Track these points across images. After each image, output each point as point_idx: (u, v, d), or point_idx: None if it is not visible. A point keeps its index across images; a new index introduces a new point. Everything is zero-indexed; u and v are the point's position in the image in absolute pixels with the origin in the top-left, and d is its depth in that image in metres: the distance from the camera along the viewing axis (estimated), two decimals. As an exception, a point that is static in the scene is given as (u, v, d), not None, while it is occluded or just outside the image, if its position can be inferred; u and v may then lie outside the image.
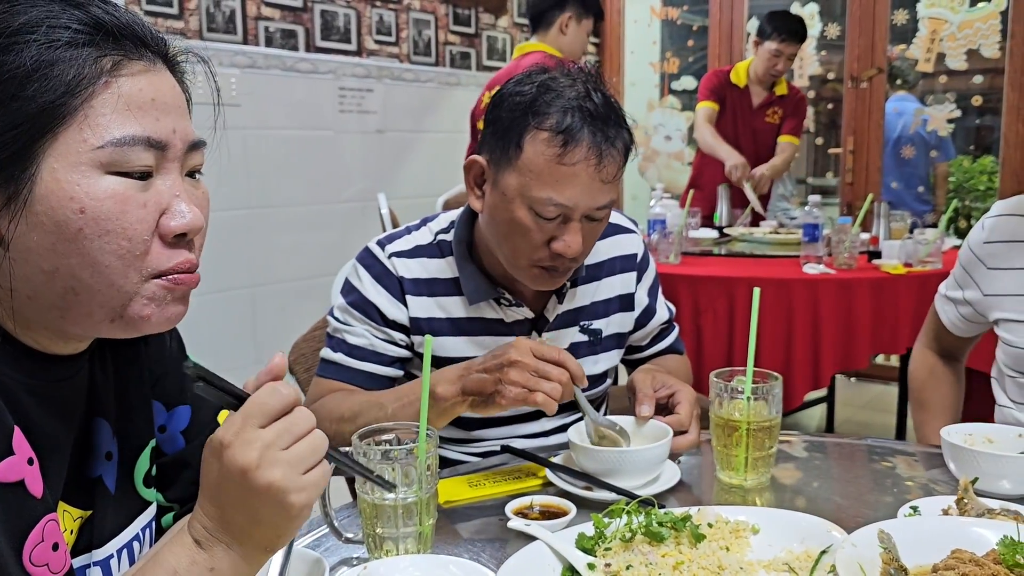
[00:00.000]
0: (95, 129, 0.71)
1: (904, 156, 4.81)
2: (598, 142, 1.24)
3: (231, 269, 3.50)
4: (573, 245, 1.27)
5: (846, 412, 4.24)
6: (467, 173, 1.37)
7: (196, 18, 3.35)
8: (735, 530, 0.98)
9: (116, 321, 0.76)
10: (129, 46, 0.74)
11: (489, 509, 1.13)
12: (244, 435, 0.71)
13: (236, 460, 0.70)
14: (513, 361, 1.16)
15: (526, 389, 1.15)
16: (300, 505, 0.72)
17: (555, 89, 1.26)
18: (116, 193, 0.72)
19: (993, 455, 1.14)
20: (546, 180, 1.24)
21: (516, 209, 1.27)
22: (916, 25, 4.54)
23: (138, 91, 0.74)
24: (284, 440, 0.72)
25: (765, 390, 1.20)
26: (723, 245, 3.52)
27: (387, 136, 4.13)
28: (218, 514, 0.73)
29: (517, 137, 1.26)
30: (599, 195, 1.26)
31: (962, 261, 1.56)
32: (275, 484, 0.70)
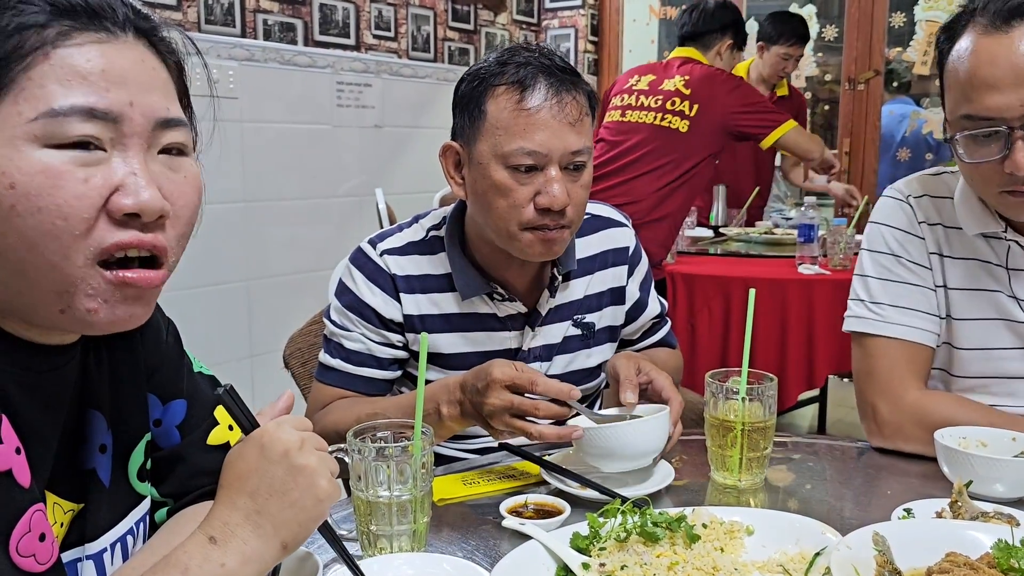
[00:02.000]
0: (31, 101, 0.67)
1: (900, 158, 4.82)
2: (554, 84, 1.28)
3: (226, 262, 3.49)
4: (558, 195, 1.28)
5: (838, 412, 4.24)
6: (444, 160, 1.39)
7: (194, 10, 3.34)
8: (729, 531, 0.98)
9: (66, 312, 0.72)
10: (83, 17, 0.71)
11: (484, 507, 1.13)
12: (284, 427, 0.79)
13: (280, 442, 0.78)
14: (491, 407, 1.16)
15: (510, 430, 1.16)
16: (328, 492, 0.79)
17: (510, 53, 1.32)
18: (49, 167, 0.68)
19: (987, 458, 1.14)
20: (513, 131, 1.27)
21: (493, 172, 1.29)
22: (913, 28, 4.55)
23: (85, 61, 0.69)
24: (313, 442, 0.80)
25: (760, 391, 1.20)
26: (719, 245, 3.53)
27: (385, 131, 4.12)
28: (248, 503, 0.76)
29: (479, 103, 1.30)
30: (569, 137, 1.28)
31: None
32: (311, 465, 0.77)
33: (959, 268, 1.36)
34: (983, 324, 1.34)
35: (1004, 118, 1.17)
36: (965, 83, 1.20)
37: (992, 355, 1.33)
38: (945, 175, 1.41)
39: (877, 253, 1.42)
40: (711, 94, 2.91)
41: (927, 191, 1.41)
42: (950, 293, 1.37)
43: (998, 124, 1.17)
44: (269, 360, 3.55)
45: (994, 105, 1.17)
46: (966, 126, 1.21)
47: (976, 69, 1.19)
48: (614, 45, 5.20)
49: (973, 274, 1.35)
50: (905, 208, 1.41)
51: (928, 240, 1.38)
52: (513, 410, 1.15)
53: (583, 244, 1.50)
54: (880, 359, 1.37)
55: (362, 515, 0.96)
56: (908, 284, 1.38)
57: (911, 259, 1.39)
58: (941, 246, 1.38)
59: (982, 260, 1.34)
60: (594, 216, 1.54)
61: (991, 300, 1.33)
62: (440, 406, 1.22)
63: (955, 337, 1.37)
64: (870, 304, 1.40)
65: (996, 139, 1.19)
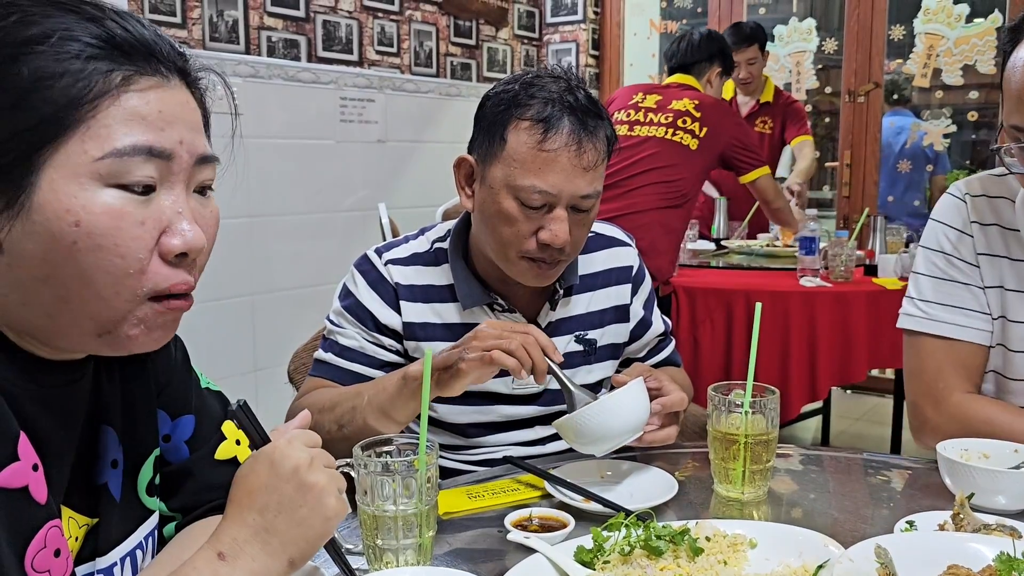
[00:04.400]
0: (97, 140, 0.71)
1: (900, 170, 4.84)
2: (577, 129, 1.29)
3: (231, 277, 3.50)
4: (560, 234, 1.30)
5: (842, 424, 4.24)
6: (457, 171, 1.41)
7: (199, 27, 3.37)
8: (733, 544, 0.99)
9: (104, 337, 0.75)
10: (142, 62, 0.74)
11: (488, 521, 1.13)
12: (295, 444, 0.81)
13: (290, 458, 0.79)
14: (477, 333, 1.19)
15: (485, 352, 1.17)
16: (336, 510, 0.80)
17: (537, 85, 1.32)
18: (112, 208, 0.71)
19: (989, 470, 1.15)
20: (529, 167, 1.29)
21: (503, 200, 1.31)
22: (913, 40, 4.57)
23: (144, 104, 0.73)
24: (323, 460, 0.82)
25: (763, 404, 1.21)
26: (720, 257, 3.54)
27: (388, 146, 4.14)
28: (257, 519, 0.77)
29: (501, 130, 1.32)
30: (581, 183, 1.30)
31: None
32: (320, 483, 0.79)
33: (1016, 270, 1.35)
34: None
35: None
36: (1016, 95, 1.20)
37: None
38: (1009, 177, 1.37)
39: (929, 251, 1.42)
40: (720, 120, 2.99)
41: (986, 191, 1.39)
42: (1005, 294, 1.36)
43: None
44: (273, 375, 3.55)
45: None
46: (1015, 136, 1.20)
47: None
48: (615, 59, 5.23)
49: None
50: (960, 206, 1.40)
51: (978, 239, 1.37)
52: (495, 332, 1.17)
53: (587, 261, 1.51)
54: (928, 359, 1.38)
55: (368, 529, 0.97)
56: (957, 283, 1.38)
57: (960, 257, 1.38)
58: (998, 247, 1.36)
59: None
60: (599, 235, 1.56)
61: None
62: (409, 368, 1.24)
63: (1009, 339, 1.36)
64: (919, 302, 1.40)
65: None
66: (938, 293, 1.39)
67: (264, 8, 3.62)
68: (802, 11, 4.99)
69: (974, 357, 1.37)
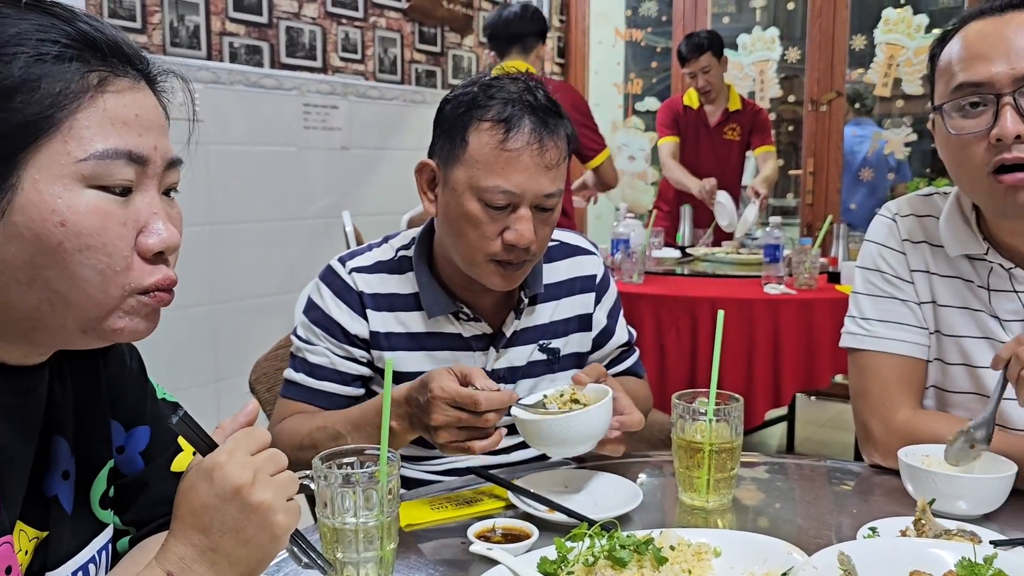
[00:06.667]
0: (79, 142, 0.71)
1: (863, 178, 4.90)
2: (538, 128, 1.29)
3: (191, 286, 3.45)
4: (525, 233, 1.30)
5: (806, 431, 4.28)
6: (419, 176, 1.40)
7: (160, 32, 3.33)
8: (697, 553, 0.98)
9: (88, 332, 0.76)
10: (116, 63, 0.75)
11: (451, 532, 1.12)
12: (237, 457, 0.76)
13: (231, 478, 0.75)
14: (436, 424, 1.16)
15: (460, 445, 1.17)
16: (284, 527, 0.77)
17: (496, 86, 1.33)
18: (98, 208, 0.72)
19: (950, 476, 1.15)
20: (492, 168, 1.28)
21: (467, 202, 1.30)
22: (874, 50, 4.64)
23: (123, 107, 0.74)
24: (271, 467, 0.78)
25: (726, 412, 1.21)
26: (686, 265, 3.56)
27: (352, 153, 4.11)
28: (202, 539, 0.75)
29: (462, 132, 1.31)
30: (544, 181, 1.30)
31: None
32: (266, 502, 0.76)
33: (946, 286, 1.38)
34: (968, 341, 1.35)
35: (993, 84, 1.20)
36: (958, 60, 1.24)
37: (976, 372, 1.35)
38: (935, 196, 1.43)
39: (865, 270, 1.45)
40: (570, 104, 3.01)
41: (914, 210, 1.43)
42: (939, 309, 1.38)
43: (987, 91, 1.20)
44: (235, 385, 3.51)
45: (985, 72, 1.20)
46: (956, 96, 1.24)
47: (969, 44, 1.24)
48: (580, 67, 5.25)
49: (959, 292, 1.37)
50: (892, 226, 1.44)
51: (911, 257, 1.41)
52: (459, 424, 1.16)
53: (551, 270, 1.51)
54: (872, 377, 1.40)
55: (328, 542, 0.94)
56: (895, 299, 1.41)
57: (895, 274, 1.41)
58: (929, 264, 1.40)
59: (965, 279, 1.36)
60: (562, 243, 1.55)
61: (975, 318, 1.35)
62: (389, 420, 1.22)
63: (945, 353, 1.39)
64: (860, 320, 1.43)
65: (985, 110, 1.21)
66: (877, 310, 1.41)
67: (226, 14, 3.59)
68: (765, 20, 5.05)
69: (915, 371, 1.39)
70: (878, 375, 1.39)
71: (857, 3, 4.64)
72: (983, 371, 1.34)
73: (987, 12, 1.25)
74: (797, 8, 4.94)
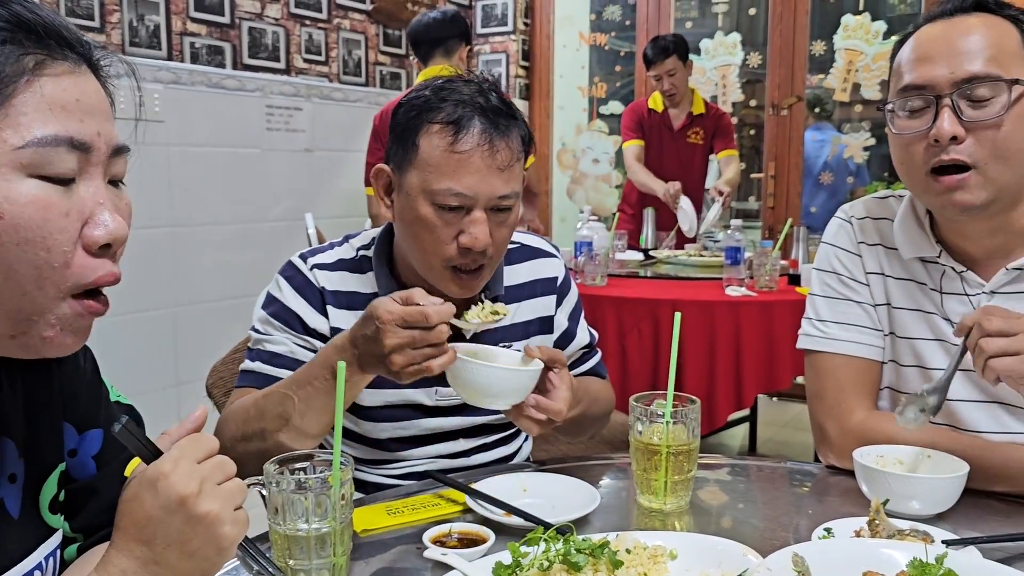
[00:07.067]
0: (16, 128, 0.68)
1: (823, 182, 4.96)
2: (488, 129, 1.28)
3: (151, 289, 3.41)
4: (480, 236, 1.29)
5: (768, 431, 4.32)
6: (376, 182, 1.39)
7: (119, 32, 3.28)
8: (653, 555, 0.98)
9: (17, 338, 0.72)
10: (53, 46, 0.72)
11: (407, 537, 1.10)
12: (182, 467, 0.73)
13: (176, 489, 0.72)
14: (390, 348, 1.14)
15: (418, 366, 1.16)
16: (231, 539, 0.75)
17: (449, 89, 1.32)
18: (38, 199, 0.69)
19: (903, 476, 1.17)
20: (443, 171, 1.27)
21: (420, 207, 1.29)
22: (833, 56, 4.70)
23: (62, 91, 0.71)
24: (218, 475, 0.75)
25: (683, 414, 1.21)
26: (649, 267, 3.57)
27: (315, 155, 4.08)
28: (145, 552, 0.72)
29: (413, 136, 1.30)
30: (497, 182, 1.29)
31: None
32: (212, 513, 0.73)
33: (900, 288, 1.39)
34: (922, 343, 1.37)
35: (935, 86, 1.22)
36: (906, 62, 1.27)
37: (929, 374, 1.36)
38: (891, 199, 1.44)
39: (822, 272, 1.46)
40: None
41: (869, 213, 1.45)
42: (893, 311, 1.40)
43: (929, 93, 1.22)
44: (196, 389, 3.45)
45: (928, 75, 1.22)
46: (901, 97, 1.26)
47: (917, 47, 1.26)
48: (545, 70, 5.26)
49: (912, 295, 1.38)
50: (847, 228, 1.45)
51: (867, 259, 1.42)
52: (412, 345, 1.14)
53: (511, 272, 1.50)
54: (828, 378, 1.40)
55: (280, 549, 0.93)
56: (850, 301, 1.42)
57: (851, 276, 1.42)
58: (883, 266, 1.41)
59: (918, 282, 1.38)
60: (523, 245, 1.55)
61: (928, 321, 1.36)
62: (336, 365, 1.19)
63: (899, 355, 1.40)
64: (816, 322, 1.44)
65: (927, 111, 1.23)
66: (833, 312, 1.42)
67: (187, 13, 3.55)
68: (727, 25, 5.09)
69: (870, 373, 1.41)
70: (833, 377, 1.40)
71: (817, 9, 4.70)
72: (936, 373, 1.36)
73: (939, 16, 1.27)
74: (759, 14, 4.99)
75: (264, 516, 0.95)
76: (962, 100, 1.21)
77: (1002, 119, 1.20)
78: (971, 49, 1.21)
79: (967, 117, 1.20)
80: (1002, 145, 1.21)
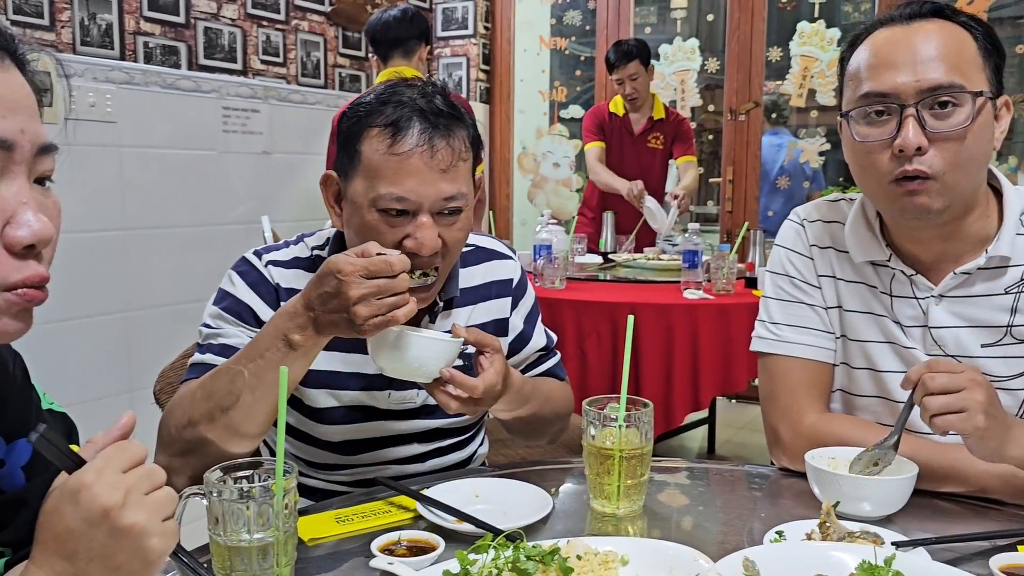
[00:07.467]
0: None
1: (780, 186, 5.02)
2: (427, 130, 1.26)
3: (104, 293, 3.34)
4: (426, 241, 1.26)
5: (727, 433, 4.35)
6: (324, 190, 1.37)
7: (69, 30, 3.20)
8: (604, 561, 0.97)
9: None
10: None
11: (356, 547, 1.08)
12: (106, 477, 0.70)
13: (99, 500, 0.69)
14: (355, 299, 1.12)
15: (383, 316, 1.13)
16: (159, 551, 0.71)
17: (391, 92, 1.29)
18: None
19: (853, 478, 1.17)
20: (384, 175, 1.25)
21: (366, 214, 1.27)
22: (790, 62, 4.75)
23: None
24: (145, 485, 0.71)
25: (636, 417, 1.20)
26: (608, 271, 3.58)
27: (273, 158, 4.04)
28: (66, 567, 0.69)
29: (356, 142, 1.28)
30: (441, 184, 1.26)
31: None
32: (138, 525, 0.69)
33: (851, 290, 1.40)
34: (872, 346, 1.38)
35: (899, 95, 1.21)
36: (866, 67, 1.26)
37: (880, 377, 1.37)
38: (842, 202, 1.45)
39: (774, 274, 1.47)
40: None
41: (821, 216, 1.45)
42: (844, 314, 1.40)
43: (892, 102, 1.22)
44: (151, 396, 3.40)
45: (892, 82, 1.22)
46: (862, 104, 1.25)
47: (877, 51, 1.25)
48: (506, 74, 5.25)
49: (863, 298, 1.39)
50: (800, 231, 1.46)
51: (818, 262, 1.42)
52: (377, 295, 1.12)
53: (467, 274, 1.49)
54: (780, 381, 1.41)
55: (220, 561, 0.91)
56: (803, 304, 1.42)
57: (803, 279, 1.43)
58: (835, 269, 1.41)
59: (869, 285, 1.38)
60: (479, 248, 1.53)
61: (879, 323, 1.37)
62: (289, 335, 1.16)
63: (851, 357, 1.41)
64: (769, 324, 1.44)
65: (889, 119, 1.23)
66: (786, 315, 1.43)
67: (140, 12, 3.48)
68: (686, 31, 5.13)
69: (822, 375, 1.41)
70: (786, 379, 1.40)
71: (774, 16, 4.75)
72: (887, 375, 1.37)
73: (895, 20, 1.27)
74: (717, 20, 5.03)
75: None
76: (926, 110, 1.21)
77: (966, 131, 1.20)
78: (933, 57, 1.21)
79: (931, 127, 1.21)
80: (964, 156, 1.21)
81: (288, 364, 1.13)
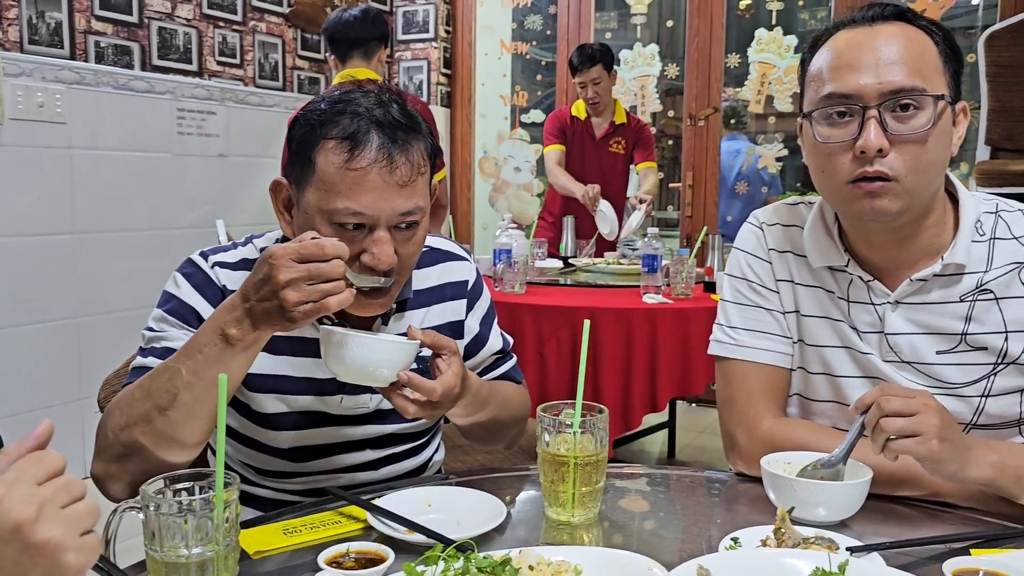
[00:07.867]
0: None
1: (738, 192, 5.06)
2: (386, 144, 1.21)
3: (54, 298, 3.26)
4: (382, 256, 1.22)
5: (687, 437, 4.36)
6: (274, 196, 1.32)
7: (16, 28, 3.13)
8: (557, 571, 0.95)
9: None
10: None
11: (303, 559, 1.05)
12: (19, 490, 0.66)
13: (10, 515, 0.65)
14: (284, 283, 1.08)
15: (315, 303, 1.10)
16: (76, 568, 0.67)
17: (346, 100, 1.25)
18: None
19: (808, 483, 1.16)
20: (340, 189, 1.21)
21: (319, 226, 1.22)
22: (748, 69, 4.80)
23: None
24: (62, 498, 0.68)
25: (591, 423, 1.18)
26: (568, 275, 3.57)
27: (230, 161, 3.98)
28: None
29: (309, 152, 1.23)
30: (398, 199, 1.22)
31: None
32: (53, 540, 0.66)
33: (808, 295, 1.40)
34: (829, 351, 1.37)
35: (861, 96, 1.21)
36: (828, 68, 1.25)
37: (836, 381, 1.37)
38: (801, 206, 1.44)
39: (732, 278, 1.46)
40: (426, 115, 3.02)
41: (780, 219, 1.45)
42: (802, 319, 1.40)
43: (855, 103, 1.22)
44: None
45: (854, 84, 1.21)
46: (824, 105, 1.25)
47: (840, 53, 1.25)
48: (467, 78, 5.24)
49: (820, 303, 1.38)
50: (759, 234, 1.45)
51: (776, 266, 1.42)
52: (308, 279, 1.09)
53: (420, 276, 1.46)
54: (738, 385, 1.40)
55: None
56: (760, 308, 1.41)
57: (761, 283, 1.42)
58: (792, 273, 1.41)
59: (827, 290, 1.38)
60: (432, 249, 1.51)
61: (835, 329, 1.37)
62: (226, 330, 1.12)
63: (808, 362, 1.40)
64: (727, 328, 1.43)
65: (851, 121, 1.23)
66: (743, 319, 1.42)
67: (92, 11, 3.41)
68: (646, 37, 5.15)
69: (779, 380, 1.41)
70: (743, 384, 1.40)
71: (733, 23, 4.79)
72: (843, 380, 1.37)
73: (857, 22, 1.27)
74: (677, 26, 5.06)
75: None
76: (888, 113, 1.21)
77: (927, 134, 1.21)
78: (896, 60, 1.21)
79: (892, 130, 1.21)
80: (924, 159, 1.22)
81: (226, 361, 1.10)
